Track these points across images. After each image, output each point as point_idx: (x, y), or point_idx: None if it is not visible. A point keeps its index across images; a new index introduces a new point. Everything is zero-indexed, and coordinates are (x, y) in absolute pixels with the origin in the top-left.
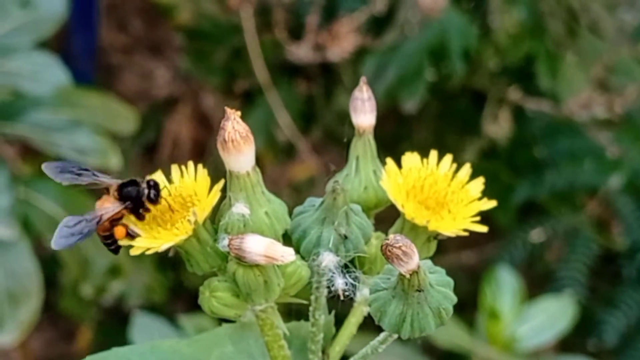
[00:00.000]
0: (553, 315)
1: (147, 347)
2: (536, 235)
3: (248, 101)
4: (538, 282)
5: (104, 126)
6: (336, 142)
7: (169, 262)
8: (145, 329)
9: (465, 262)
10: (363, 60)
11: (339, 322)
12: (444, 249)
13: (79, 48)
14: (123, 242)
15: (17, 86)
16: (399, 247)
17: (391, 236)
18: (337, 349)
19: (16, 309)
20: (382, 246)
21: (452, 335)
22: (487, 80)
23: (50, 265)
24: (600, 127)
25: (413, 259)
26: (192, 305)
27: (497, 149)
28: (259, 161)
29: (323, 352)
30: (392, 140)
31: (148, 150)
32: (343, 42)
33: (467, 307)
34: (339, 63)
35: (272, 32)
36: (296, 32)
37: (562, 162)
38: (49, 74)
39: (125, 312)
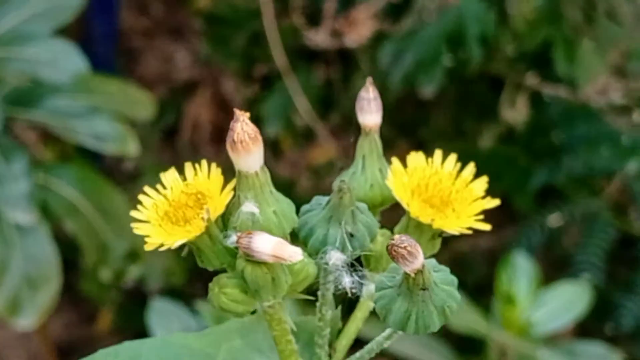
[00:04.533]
0: (569, 299)
1: (157, 342)
2: (554, 219)
3: (266, 86)
4: (556, 266)
5: (122, 112)
6: (354, 126)
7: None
8: (163, 313)
9: (483, 246)
10: (381, 46)
11: (345, 316)
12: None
13: (100, 32)
14: (139, 232)
15: (35, 73)
16: (404, 247)
17: (396, 236)
18: (343, 343)
19: (35, 293)
20: (387, 246)
21: (467, 320)
22: (504, 65)
23: (70, 247)
24: (617, 112)
25: (418, 258)
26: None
27: (514, 134)
28: (277, 145)
29: (330, 346)
30: (410, 125)
31: (168, 135)
32: (361, 28)
33: (484, 291)
34: (357, 49)
35: (291, 17)
36: (314, 18)
37: (580, 147)
38: (67, 61)
39: (146, 295)
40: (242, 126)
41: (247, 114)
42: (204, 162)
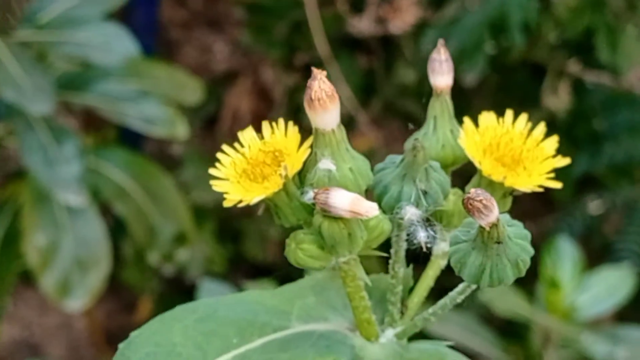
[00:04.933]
0: (612, 285)
1: (233, 299)
2: (594, 207)
3: (308, 74)
4: (596, 254)
5: (170, 96)
6: (396, 114)
7: (228, 234)
8: (214, 294)
9: None
10: (423, 33)
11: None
12: None
13: (141, 23)
14: (218, 190)
15: (87, 57)
16: (480, 201)
17: (472, 190)
18: (415, 300)
19: (85, 275)
20: (463, 200)
21: (511, 304)
22: (546, 53)
23: (114, 234)
24: None
25: (493, 212)
26: (251, 276)
27: (556, 121)
28: None
29: (402, 303)
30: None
31: (208, 124)
32: (404, 14)
33: (526, 279)
34: (400, 36)
35: (333, 5)
36: (357, 5)
37: (621, 134)
38: (118, 45)
39: (186, 283)
40: (320, 84)
41: (325, 72)
42: (281, 121)
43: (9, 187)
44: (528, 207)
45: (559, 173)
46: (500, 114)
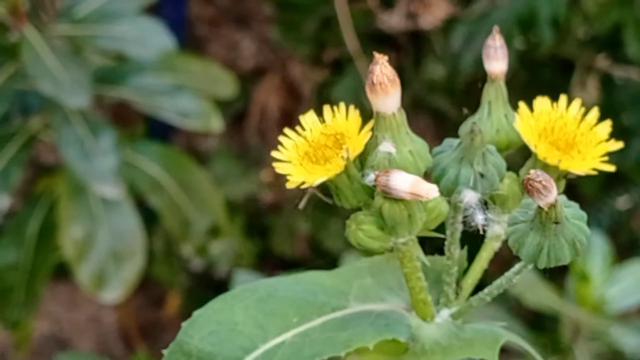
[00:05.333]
0: None
1: (291, 279)
2: (622, 202)
3: (337, 70)
4: (624, 249)
5: (204, 90)
6: (425, 110)
7: (257, 229)
8: None
9: None
10: (453, 29)
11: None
12: None
13: (169, 20)
14: (280, 172)
15: (122, 50)
16: (540, 182)
17: (532, 171)
18: (469, 282)
19: (120, 267)
20: (523, 180)
21: (541, 297)
22: (575, 48)
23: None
24: None
25: (552, 192)
26: (280, 271)
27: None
28: None
29: (457, 284)
30: None
31: (236, 120)
32: (434, 10)
33: (554, 275)
34: (429, 32)
35: (363, 1)
36: (387, 1)
37: None
38: (153, 39)
39: (214, 279)
40: (382, 69)
41: (386, 57)
42: (342, 104)
43: (45, 181)
44: None
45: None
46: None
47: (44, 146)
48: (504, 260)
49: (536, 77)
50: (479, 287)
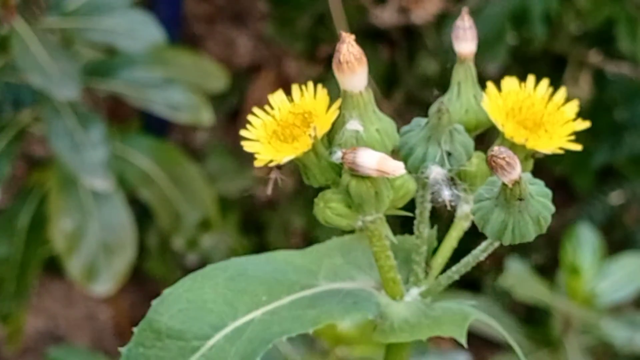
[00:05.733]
0: (632, 271)
1: (262, 258)
2: (615, 198)
3: (331, 66)
4: (617, 244)
5: (195, 84)
6: (418, 105)
7: (252, 225)
8: None
9: None
10: (445, 24)
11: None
12: None
13: (164, 16)
14: (249, 150)
15: (113, 43)
16: (503, 158)
17: (495, 148)
18: (439, 261)
19: (111, 260)
20: (487, 157)
21: (532, 290)
22: (567, 43)
23: (139, 224)
24: None
25: (515, 169)
26: None
27: (577, 112)
28: None
29: (426, 263)
30: None
31: (231, 116)
32: (427, 4)
33: (547, 271)
34: (422, 27)
35: None
36: None
37: None
38: (144, 32)
39: None
40: (348, 47)
41: (353, 36)
42: (310, 84)
43: (35, 174)
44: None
45: (580, 164)
46: None
47: (34, 140)
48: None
49: (529, 72)
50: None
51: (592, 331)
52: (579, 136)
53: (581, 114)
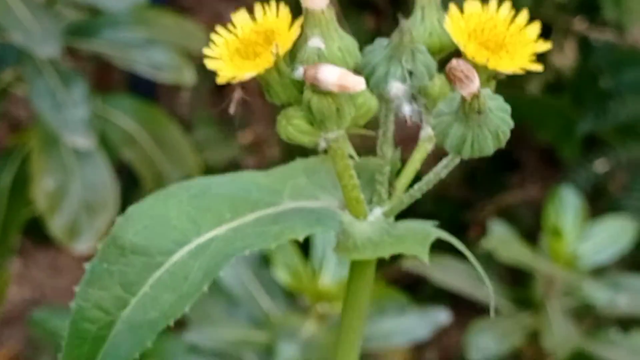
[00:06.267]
0: (614, 233)
1: (226, 178)
2: (600, 166)
3: None
4: (602, 212)
5: (178, 44)
6: None
7: None
8: None
9: (529, 198)
10: None
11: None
12: (508, 184)
13: None
14: (211, 67)
15: (95, 3)
16: (461, 71)
17: (454, 60)
18: (402, 182)
19: (93, 219)
20: (445, 70)
21: (515, 252)
22: (553, 11)
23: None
24: None
25: (474, 82)
26: None
27: (562, 81)
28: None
29: (390, 185)
30: None
31: (218, 87)
32: None
33: (532, 241)
34: None
35: None
36: None
37: (627, 93)
38: None
39: None
40: None
41: None
42: (273, 2)
43: (17, 134)
44: (534, 169)
45: (565, 132)
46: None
47: (16, 101)
48: None
49: None
50: None
51: (574, 293)
52: (564, 104)
53: (566, 82)
